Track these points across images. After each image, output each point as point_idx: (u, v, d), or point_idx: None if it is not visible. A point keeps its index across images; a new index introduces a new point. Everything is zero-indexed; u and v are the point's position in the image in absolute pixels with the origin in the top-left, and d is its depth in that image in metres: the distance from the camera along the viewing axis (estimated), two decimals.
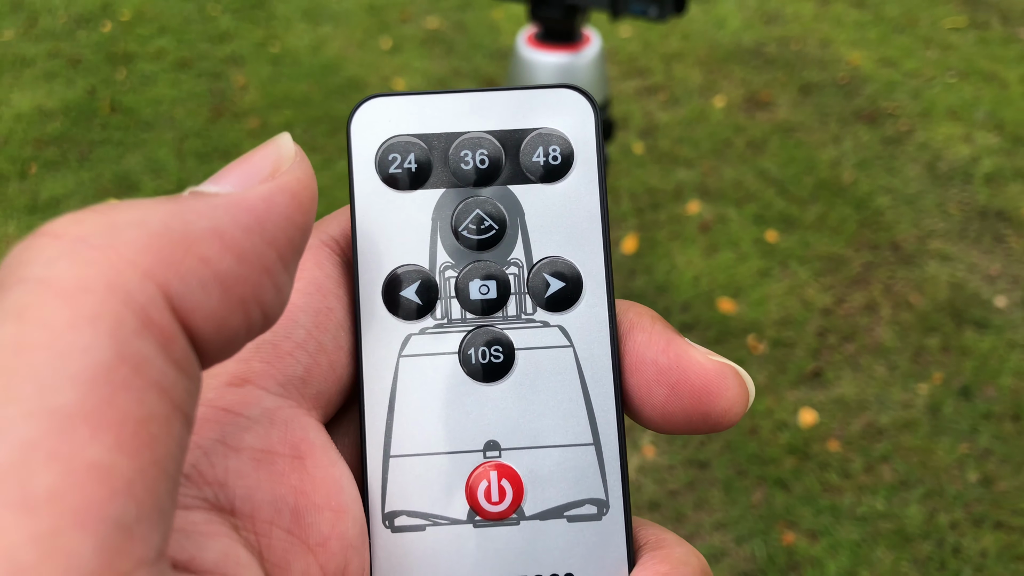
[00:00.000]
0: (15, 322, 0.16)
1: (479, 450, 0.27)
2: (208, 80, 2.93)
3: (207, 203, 0.20)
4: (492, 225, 0.28)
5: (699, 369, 0.26)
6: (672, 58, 3.02)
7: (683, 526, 1.66)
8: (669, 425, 0.27)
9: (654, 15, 0.94)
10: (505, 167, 0.28)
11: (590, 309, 0.28)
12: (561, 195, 0.28)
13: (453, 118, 0.28)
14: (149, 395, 0.17)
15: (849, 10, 3.30)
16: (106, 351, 0.16)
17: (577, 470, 0.27)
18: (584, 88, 0.29)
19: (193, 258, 0.19)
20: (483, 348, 0.27)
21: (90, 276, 0.17)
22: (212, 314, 0.19)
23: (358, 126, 0.28)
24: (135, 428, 0.16)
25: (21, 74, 2.93)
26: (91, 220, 0.18)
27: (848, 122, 2.69)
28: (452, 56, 3.07)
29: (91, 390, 0.16)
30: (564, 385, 0.27)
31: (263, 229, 0.20)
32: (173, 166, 2.52)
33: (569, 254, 0.28)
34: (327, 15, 3.31)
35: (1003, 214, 2.32)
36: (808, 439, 1.78)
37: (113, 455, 0.16)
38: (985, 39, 3.09)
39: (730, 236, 2.26)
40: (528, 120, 0.28)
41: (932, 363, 1.92)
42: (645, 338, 0.27)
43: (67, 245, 0.17)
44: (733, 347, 1.96)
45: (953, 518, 1.65)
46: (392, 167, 0.28)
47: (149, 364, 0.17)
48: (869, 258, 2.20)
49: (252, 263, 0.20)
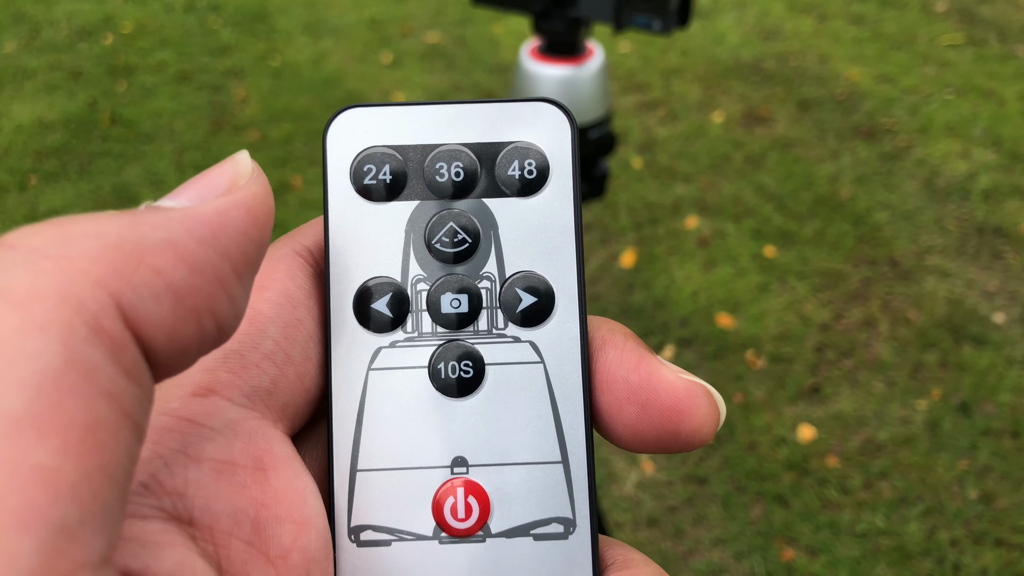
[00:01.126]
0: None
1: (447, 466, 0.27)
2: (208, 93, 2.94)
3: (162, 216, 0.20)
4: (466, 238, 0.28)
5: (669, 388, 0.26)
6: (671, 73, 3.03)
7: (682, 542, 1.65)
8: (639, 443, 0.27)
9: (658, 28, 0.95)
10: (480, 180, 0.28)
11: (562, 325, 0.27)
12: (536, 209, 0.28)
13: (430, 130, 0.28)
14: (97, 402, 0.17)
15: (847, 27, 3.31)
16: (55, 357, 0.16)
17: (544, 488, 0.27)
18: (561, 102, 0.29)
19: (146, 268, 0.19)
20: (453, 363, 0.27)
21: (42, 285, 0.17)
22: (164, 324, 0.19)
23: (334, 136, 0.28)
24: (81, 434, 0.16)
25: (22, 86, 2.94)
26: (46, 231, 0.18)
27: (846, 138, 2.70)
28: (452, 70, 3.08)
29: (38, 395, 0.16)
30: (533, 402, 0.27)
31: (217, 241, 0.21)
32: (172, 178, 2.53)
33: (542, 269, 0.28)
34: (328, 29, 3.33)
35: (1001, 230, 2.33)
36: (807, 455, 1.78)
37: (58, 459, 0.16)
38: (982, 56, 3.10)
39: (728, 251, 2.26)
40: (505, 133, 0.28)
41: (931, 379, 1.93)
42: (616, 355, 0.27)
43: (21, 255, 0.18)
44: (731, 362, 1.96)
45: (953, 535, 1.65)
46: (367, 178, 0.28)
47: (98, 371, 0.17)
48: (867, 274, 2.20)
49: (206, 274, 0.20)
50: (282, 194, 2.47)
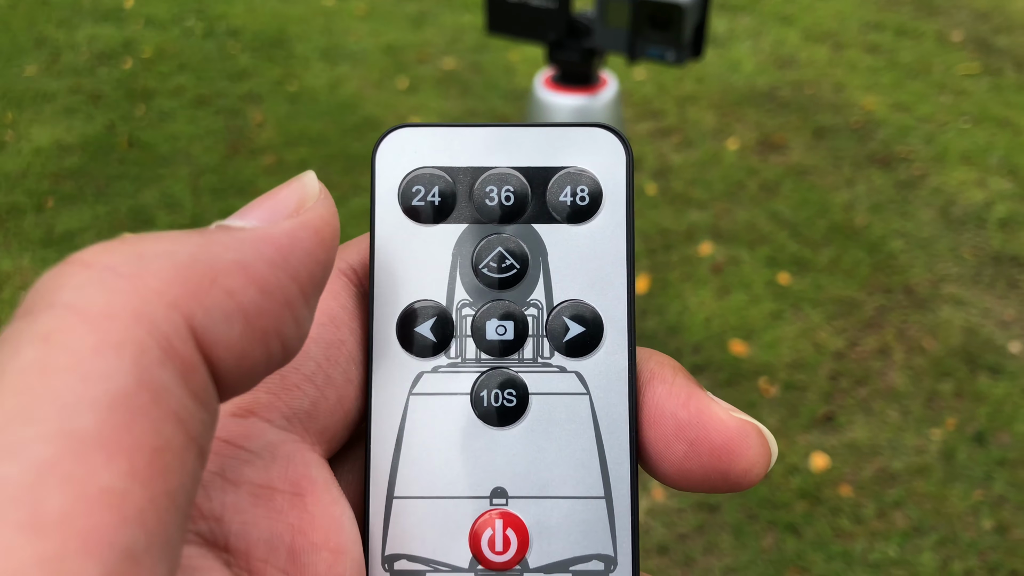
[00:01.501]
0: (41, 345, 0.16)
1: (486, 496, 0.26)
2: (225, 117, 2.96)
3: (233, 236, 0.20)
4: (513, 264, 0.27)
5: (720, 426, 0.25)
6: (686, 101, 3.03)
7: (692, 571, 1.63)
8: (686, 482, 0.26)
9: (672, 59, 0.95)
10: (531, 205, 0.27)
11: (609, 357, 0.27)
12: (587, 237, 0.27)
13: (480, 152, 0.28)
14: (166, 425, 0.17)
15: (863, 55, 3.32)
16: (127, 378, 0.16)
17: (586, 524, 0.26)
18: (615, 128, 0.28)
19: (218, 290, 0.19)
20: (496, 391, 0.27)
21: (117, 304, 0.17)
22: (234, 346, 0.19)
23: (383, 155, 0.28)
24: (150, 457, 0.16)
25: (42, 109, 2.97)
26: (120, 250, 0.18)
27: (862, 166, 2.70)
28: (468, 96, 3.10)
29: (109, 416, 0.16)
30: (578, 434, 0.26)
31: (287, 263, 0.21)
32: (188, 202, 2.54)
33: (591, 299, 0.27)
34: (345, 55, 3.35)
35: (1017, 259, 2.31)
36: (820, 484, 1.76)
37: (126, 482, 0.16)
38: (998, 85, 3.10)
39: (742, 278, 2.25)
40: (557, 158, 0.28)
41: (945, 408, 1.91)
42: (665, 390, 0.26)
43: (96, 273, 0.18)
44: (745, 390, 1.95)
45: (967, 566, 1.62)
46: (415, 199, 0.27)
47: (169, 394, 0.17)
48: (882, 302, 2.19)
49: (275, 297, 0.20)
50: None
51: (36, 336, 0.16)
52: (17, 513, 0.15)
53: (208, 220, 2.46)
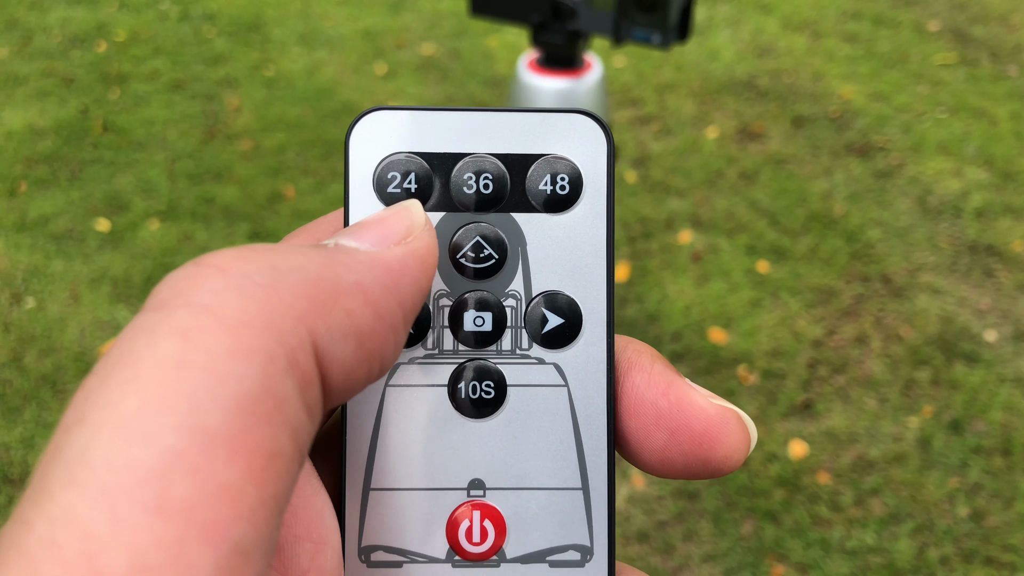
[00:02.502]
0: (179, 340, 0.17)
1: (463, 488, 0.26)
2: (201, 102, 2.93)
3: (353, 258, 0.21)
4: (492, 254, 0.27)
5: (700, 413, 0.25)
6: (665, 89, 3.03)
7: (672, 558, 1.64)
8: (667, 470, 0.26)
9: (657, 42, 0.94)
10: (509, 193, 0.27)
11: (588, 348, 0.27)
12: (566, 226, 0.27)
13: (458, 137, 0.27)
14: (282, 432, 0.18)
15: (841, 45, 3.33)
16: (255, 383, 0.17)
17: (563, 514, 0.26)
18: (598, 114, 0.28)
19: (340, 310, 0.20)
20: (474, 382, 0.26)
21: (252, 311, 0.18)
22: (344, 364, 0.20)
23: (357, 140, 0.27)
24: (265, 461, 0.17)
25: (13, 92, 2.93)
26: (255, 258, 0.19)
27: (839, 155, 2.71)
28: (447, 83, 3.08)
29: (236, 417, 0.17)
30: (555, 426, 0.26)
31: (397, 289, 0.22)
32: (164, 187, 2.52)
33: (570, 289, 0.27)
34: (322, 40, 3.33)
35: (993, 248, 2.33)
36: (798, 471, 1.77)
37: (243, 481, 0.17)
38: (975, 76, 3.12)
39: (721, 266, 2.26)
40: (537, 145, 0.27)
41: (922, 396, 1.92)
42: (644, 379, 0.26)
43: (233, 279, 0.19)
44: (723, 378, 1.95)
45: (943, 553, 1.64)
46: (391, 185, 0.27)
47: (288, 404, 0.18)
48: (860, 290, 2.20)
49: (384, 320, 0.21)
50: (275, 204, 2.46)
51: (174, 331, 0.17)
52: (145, 495, 0.16)
53: (185, 206, 2.44)
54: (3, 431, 1.83)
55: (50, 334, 2.04)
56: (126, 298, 2.14)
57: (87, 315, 2.10)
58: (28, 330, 2.05)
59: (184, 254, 2.28)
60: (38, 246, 2.29)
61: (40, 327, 2.06)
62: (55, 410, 1.87)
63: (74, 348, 2.01)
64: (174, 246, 2.31)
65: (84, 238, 2.32)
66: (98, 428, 0.16)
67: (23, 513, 0.16)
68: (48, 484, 0.16)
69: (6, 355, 1.99)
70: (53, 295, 2.15)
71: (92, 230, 2.35)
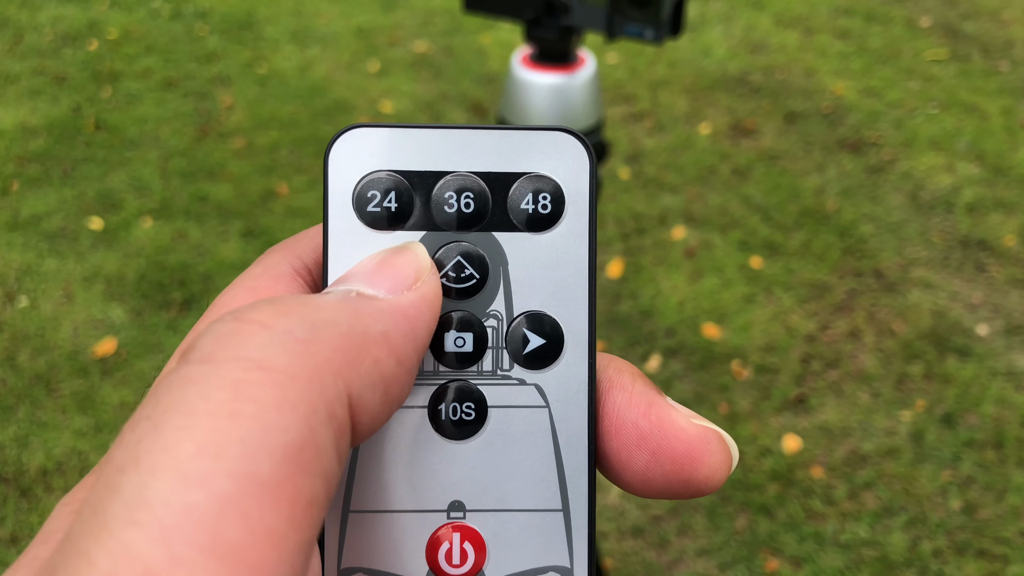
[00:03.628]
0: (231, 392, 0.18)
1: (443, 510, 0.26)
2: (194, 100, 2.93)
3: (375, 307, 0.22)
4: (473, 274, 0.26)
5: (682, 434, 0.25)
6: (658, 85, 3.04)
7: (666, 552, 1.65)
8: (649, 490, 0.26)
9: (650, 37, 0.95)
10: (491, 212, 0.26)
11: (569, 369, 0.26)
12: (548, 246, 0.27)
13: (439, 155, 0.26)
14: (319, 481, 0.19)
15: (833, 41, 3.34)
16: (299, 434, 0.18)
17: (543, 536, 0.26)
18: (579, 132, 0.27)
19: (370, 360, 0.21)
20: (454, 404, 0.26)
21: (296, 366, 0.19)
22: (373, 412, 0.21)
23: (336, 157, 0.26)
24: (305, 507, 0.18)
25: (5, 91, 2.92)
26: (294, 315, 0.20)
27: (832, 151, 2.72)
28: (439, 80, 3.08)
29: (282, 466, 0.18)
30: (536, 448, 0.26)
31: (415, 335, 0.23)
32: (157, 185, 2.51)
33: (552, 309, 0.26)
34: (315, 37, 3.32)
35: (984, 243, 2.34)
36: (792, 465, 1.78)
37: (286, 526, 0.18)
38: (966, 71, 3.13)
39: (715, 262, 2.26)
40: (519, 163, 0.27)
41: (915, 390, 1.93)
42: (625, 399, 0.26)
43: (276, 335, 0.20)
44: (717, 373, 1.96)
45: (936, 546, 1.65)
46: (370, 204, 0.26)
47: (325, 454, 0.19)
48: (853, 285, 2.21)
49: (405, 366, 0.22)
50: (268, 202, 2.46)
51: (225, 383, 0.18)
52: (202, 537, 0.17)
53: (178, 204, 2.44)
54: None
55: (43, 333, 2.04)
56: (119, 296, 2.14)
57: (80, 314, 2.09)
58: (21, 329, 2.05)
59: (177, 252, 2.27)
60: (31, 245, 2.29)
61: (33, 326, 2.06)
62: (48, 409, 1.87)
63: (67, 347, 2.00)
64: (167, 244, 2.30)
65: (77, 237, 2.32)
66: (155, 471, 0.17)
67: (82, 547, 0.17)
68: (106, 520, 0.17)
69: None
70: (46, 294, 2.14)
71: (85, 228, 2.35)
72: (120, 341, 2.02)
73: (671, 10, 0.95)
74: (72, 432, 1.82)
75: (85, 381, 1.93)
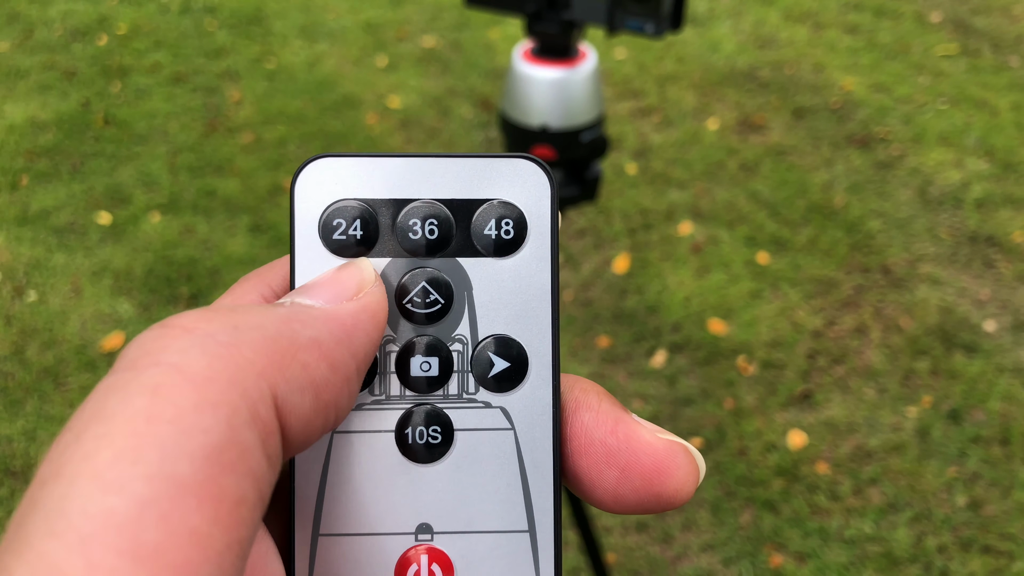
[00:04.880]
0: (149, 397, 0.18)
1: (411, 532, 0.26)
2: (203, 95, 2.94)
3: (308, 315, 0.23)
4: (438, 299, 0.27)
5: (649, 449, 0.26)
6: (666, 80, 3.03)
7: (670, 547, 1.65)
8: (620, 506, 0.26)
9: (651, 31, 0.94)
10: (455, 238, 0.27)
11: (534, 391, 0.27)
12: (511, 270, 0.27)
13: (403, 183, 0.27)
14: (246, 481, 0.19)
15: (842, 36, 3.32)
16: (220, 435, 0.19)
17: (510, 557, 0.26)
18: (539, 159, 0.28)
19: (297, 364, 0.21)
20: (421, 428, 0.26)
21: (216, 368, 0.19)
22: (303, 415, 0.21)
23: (303, 187, 0.27)
24: (231, 507, 0.18)
25: (15, 86, 2.94)
26: (218, 319, 0.21)
27: (840, 146, 2.71)
28: (448, 75, 3.08)
29: (203, 466, 0.18)
30: (502, 469, 0.26)
31: (351, 342, 0.23)
32: (166, 180, 2.52)
33: (516, 333, 0.27)
34: (324, 32, 3.33)
35: (993, 239, 2.33)
36: (797, 461, 1.78)
37: (210, 527, 0.18)
38: (976, 67, 3.11)
39: (722, 257, 2.26)
40: (482, 190, 0.27)
41: (921, 386, 1.92)
42: (592, 418, 0.26)
43: (198, 339, 0.20)
44: (723, 368, 1.96)
45: (941, 542, 1.64)
46: (336, 232, 0.27)
47: (250, 454, 0.19)
48: (860, 281, 2.20)
49: (339, 372, 0.22)
50: (276, 196, 2.47)
51: (144, 388, 0.19)
52: (120, 541, 0.17)
53: (186, 199, 2.45)
54: (5, 424, 1.84)
55: (52, 327, 2.05)
56: (127, 291, 2.15)
57: (88, 308, 2.10)
58: (30, 323, 2.06)
59: (185, 247, 2.28)
60: (40, 239, 2.30)
61: (42, 320, 2.07)
62: (57, 403, 1.88)
63: (75, 341, 2.02)
64: (175, 239, 2.31)
65: (85, 231, 2.33)
66: (73, 480, 0.17)
67: (3, 563, 0.17)
68: (27, 534, 0.17)
69: (8, 348, 2.00)
70: (55, 288, 2.16)
71: (93, 223, 2.36)
72: (128, 335, 2.03)
73: (672, 4, 0.95)
74: None
75: (93, 375, 1.94)
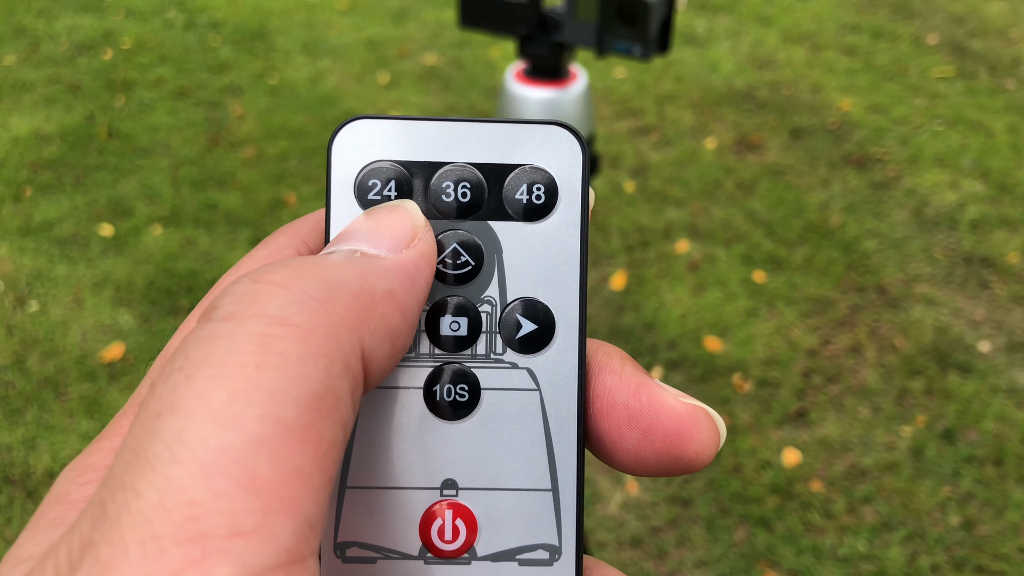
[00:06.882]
0: (257, 345, 0.20)
1: (436, 487, 0.27)
2: (206, 109, 2.96)
3: (379, 266, 0.24)
4: (469, 260, 0.27)
5: (671, 412, 0.26)
6: (665, 99, 3.06)
7: (665, 563, 1.66)
8: (641, 468, 0.27)
9: (638, 54, 0.96)
10: (487, 202, 0.28)
11: (560, 354, 0.27)
12: (541, 235, 0.28)
13: (438, 147, 0.28)
14: (337, 426, 0.20)
15: (840, 57, 3.35)
16: (321, 383, 0.20)
17: (533, 514, 0.27)
18: (573, 126, 0.28)
19: (378, 316, 0.23)
20: (448, 385, 0.27)
21: (315, 322, 0.21)
22: (381, 363, 0.23)
23: (339, 148, 0.28)
24: (327, 450, 0.20)
25: (20, 99, 2.96)
26: (308, 276, 0.22)
27: (837, 166, 2.73)
28: (448, 92, 3.11)
29: (306, 411, 0.20)
30: (527, 429, 0.27)
31: (416, 290, 0.24)
32: (168, 193, 2.54)
33: (544, 296, 0.27)
34: (326, 49, 3.35)
35: (988, 260, 2.35)
36: (791, 479, 1.79)
37: (311, 466, 0.19)
38: (972, 89, 3.14)
39: (718, 275, 2.27)
40: (514, 155, 0.28)
41: (916, 406, 1.94)
42: (615, 381, 0.27)
43: (294, 294, 0.21)
44: (719, 386, 1.97)
45: (934, 561, 1.65)
46: (371, 193, 0.27)
47: (343, 402, 0.21)
48: (855, 300, 2.22)
49: (408, 319, 0.24)
50: (276, 211, 2.49)
51: (252, 337, 0.20)
52: (238, 472, 0.18)
53: (188, 212, 2.46)
54: (5, 432, 1.85)
55: (53, 337, 2.06)
56: (128, 302, 2.17)
57: (89, 319, 2.12)
58: (31, 333, 2.08)
59: (186, 259, 2.30)
60: (42, 250, 2.31)
61: (43, 330, 2.08)
62: (57, 412, 1.89)
63: (76, 351, 2.03)
64: (176, 251, 2.33)
65: (88, 243, 2.35)
66: (191, 416, 0.19)
67: (127, 482, 0.18)
68: (149, 459, 0.18)
69: (9, 357, 2.02)
70: (56, 299, 2.17)
71: (96, 235, 2.37)
72: (128, 346, 2.04)
73: (658, 28, 0.97)
74: (79, 435, 1.84)
75: (93, 385, 1.95)
